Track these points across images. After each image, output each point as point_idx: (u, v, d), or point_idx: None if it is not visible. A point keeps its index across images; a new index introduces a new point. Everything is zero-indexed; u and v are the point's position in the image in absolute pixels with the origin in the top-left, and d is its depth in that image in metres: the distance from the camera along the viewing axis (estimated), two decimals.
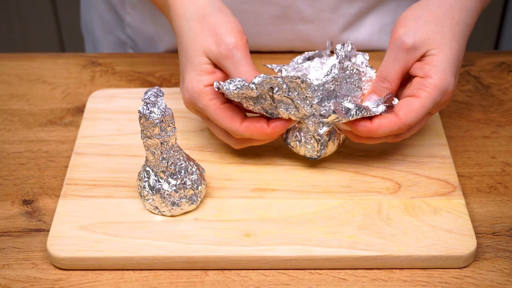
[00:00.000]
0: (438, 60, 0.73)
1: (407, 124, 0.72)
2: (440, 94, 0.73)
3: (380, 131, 0.72)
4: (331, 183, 0.76)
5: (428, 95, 0.72)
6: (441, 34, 0.74)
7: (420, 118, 0.73)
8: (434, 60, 0.73)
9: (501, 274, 0.69)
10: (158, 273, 0.70)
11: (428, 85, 0.72)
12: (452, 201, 0.74)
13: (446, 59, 0.73)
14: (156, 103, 0.67)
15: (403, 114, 0.72)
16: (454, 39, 0.74)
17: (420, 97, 0.72)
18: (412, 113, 0.72)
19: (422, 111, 0.72)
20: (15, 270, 0.70)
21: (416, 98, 0.72)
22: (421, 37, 0.73)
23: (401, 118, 0.72)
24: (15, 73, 0.95)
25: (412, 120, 0.72)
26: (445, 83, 0.72)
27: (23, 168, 0.81)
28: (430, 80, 0.72)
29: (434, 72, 0.72)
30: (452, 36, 0.74)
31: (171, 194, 0.71)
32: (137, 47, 1.05)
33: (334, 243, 0.70)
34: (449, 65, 0.73)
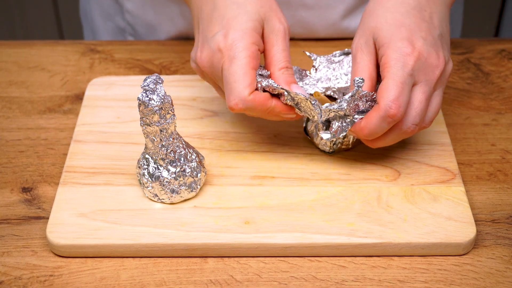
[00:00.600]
0: (383, 37, 0.72)
1: (388, 102, 0.69)
2: (400, 61, 0.70)
3: (370, 125, 0.70)
4: (331, 171, 0.76)
5: (388, 67, 0.70)
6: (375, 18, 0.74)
7: (399, 90, 0.69)
8: (380, 41, 0.72)
9: (501, 261, 0.70)
10: (157, 261, 0.70)
11: (385, 62, 0.71)
12: (452, 188, 0.74)
13: (388, 31, 0.72)
14: (155, 90, 0.67)
15: (380, 97, 0.70)
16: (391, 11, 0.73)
17: (385, 75, 0.70)
18: (387, 92, 0.69)
19: (393, 84, 0.69)
20: (14, 258, 0.70)
21: (384, 79, 0.70)
22: (362, 34, 0.74)
23: (380, 104, 0.69)
24: (13, 60, 0.95)
25: (390, 95, 0.69)
26: (396, 50, 0.70)
27: (22, 156, 0.81)
28: (384, 58, 0.71)
29: (384, 50, 0.71)
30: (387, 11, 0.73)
31: (171, 182, 0.71)
32: (137, 34, 1.04)
33: (333, 230, 0.70)
34: (396, 33, 0.71)
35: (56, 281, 0.68)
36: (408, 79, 0.70)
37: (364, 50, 0.74)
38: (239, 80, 0.70)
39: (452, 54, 0.95)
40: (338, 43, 0.96)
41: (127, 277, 0.68)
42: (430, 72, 0.72)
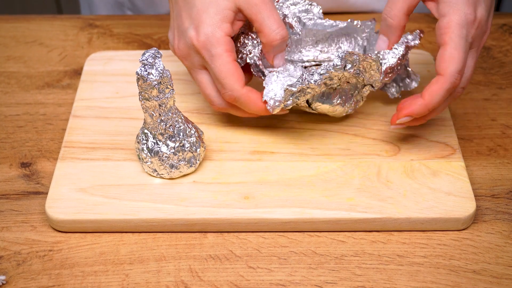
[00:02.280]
0: (456, 9, 0.69)
1: (455, 74, 0.68)
2: (464, 28, 0.68)
3: (436, 97, 0.69)
4: (330, 146, 0.76)
5: (453, 35, 0.68)
6: None
7: (463, 60, 0.68)
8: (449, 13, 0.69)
9: (500, 236, 0.70)
10: (157, 236, 0.70)
11: (446, 25, 0.69)
12: (452, 163, 0.74)
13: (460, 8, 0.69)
14: (154, 64, 0.66)
15: (444, 67, 0.68)
16: None
17: (447, 42, 0.68)
18: (452, 60, 0.68)
19: (458, 54, 0.68)
20: (13, 233, 0.70)
21: (445, 45, 0.68)
22: None
23: (445, 74, 0.68)
24: (11, 35, 0.94)
25: (457, 67, 0.68)
26: (462, 16, 0.68)
27: (21, 131, 0.80)
28: (445, 20, 0.69)
29: (447, 9, 0.69)
30: None
31: (170, 157, 0.71)
32: (136, 8, 1.03)
33: (333, 205, 0.70)
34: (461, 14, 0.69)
35: (55, 256, 0.68)
36: (468, 48, 0.70)
37: None
38: (228, 76, 0.71)
39: None
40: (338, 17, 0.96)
41: (127, 252, 0.68)
42: (481, 39, 0.72)
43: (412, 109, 0.70)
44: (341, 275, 0.66)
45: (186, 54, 0.73)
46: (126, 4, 1.04)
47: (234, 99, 0.72)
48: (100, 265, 0.67)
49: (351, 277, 0.66)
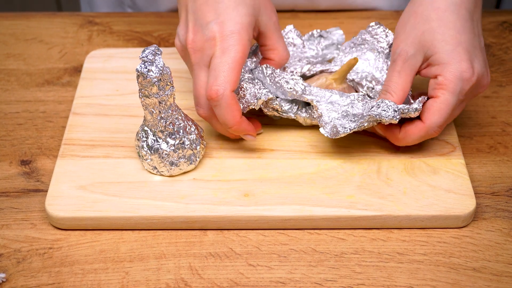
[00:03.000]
0: (440, 57, 0.71)
1: (435, 127, 0.71)
2: (459, 85, 0.70)
3: (408, 138, 0.72)
4: (330, 143, 0.76)
5: (445, 91, 0.70)
6: (430, 31, 0.72)
7: (446, 116, 0.71)
8: (436, 59, 0.71)
9: (500, 233, 0.70)
10: (157, 233, 0.70)
11: (441, 83, 0.71)
12: (452, 161, 0.74)
13: (447, 52, 0.71)
14: (154, 61, 0.66)
15: (427, 118, 0.71)
16: (448, 27, 0.71)
17: (438, 96, 0.71)
18: (436, 114, 0.71)
19: (445, 108, 0.71)
20: (13, 230, 0.70)
21: (434, 99, 0.71)
22: (412, 43, 0.72)
23: (425, 122, 0.71)
24: (11, 32, 0.94)
25: (439, 121, 0.71)
26: (457, 74, 0.70)
27: (21, 129, 0.80)
28: (440, 78, 0.71)
29: (441, 69, 0.71)
30: (443, 25, 0.71)
31: (170, 154, 0.71)
32: (136, 6, 1.03)
33: (333, 203, 0.70)
34: (456, 55, 0.70)
35: (55, 253, 0.68)
36: (458, 103, 0.72)
37: (410, 62, 0.73)
38: (227, 73, 0.69)
39: None
40: (338, 14, 0.96)
41: (126, 250, 0.68)
42: (476, 92, 0.74)
43: (387, 131, 0.74)
44: (341, 272, 0.66)
45: (200, 47, 0.71)
46: (126, 1, 1.04)
47: (218, 95, 0.69)
48: (100, 263, 0.67)
49: (351, 275, 0.66)
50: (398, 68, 0.73)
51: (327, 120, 0.72)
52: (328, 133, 0.71)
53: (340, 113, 0.73)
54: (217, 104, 0.69)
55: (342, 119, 0.72)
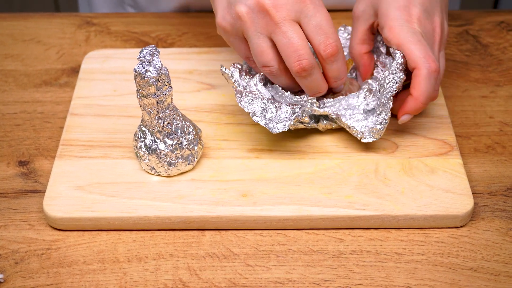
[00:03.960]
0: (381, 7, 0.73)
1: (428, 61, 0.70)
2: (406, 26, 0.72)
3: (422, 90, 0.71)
4: (328, 143, 0.76)
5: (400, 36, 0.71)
6: None
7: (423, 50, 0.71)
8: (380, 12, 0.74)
9: (498, 233, 0.70)
10: (155, 234, 0.70)
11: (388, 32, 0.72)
12: (450, 161, 0.74)
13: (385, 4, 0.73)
14: (151, 61, 0.66)
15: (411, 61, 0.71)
16: None
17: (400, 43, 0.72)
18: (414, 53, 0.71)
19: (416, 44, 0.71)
20: (11, 231, 0.70)
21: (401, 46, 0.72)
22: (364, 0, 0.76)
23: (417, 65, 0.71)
24: (9, 33, 0.94)
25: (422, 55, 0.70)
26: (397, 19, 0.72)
27: (19, 129, 0.80)
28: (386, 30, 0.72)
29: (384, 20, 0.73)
30: None
31: (168, 154, 0.71)
32: (138, 5, 1.03)
33: (331, 203, 0.70)
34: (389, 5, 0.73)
35: (53, 254, 0.68)
36: (422, 38, 0.72)
37: (362, 17, 0.76)
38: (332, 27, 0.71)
39: (451, 26, 0.94)
40: (337, 14, 0.96)
41: (124, 250, 0.68)
42: (431, 37, 0.74)
43: (405, 108, 0.73)
44: (339, 272, 0.66)
45: (285, 3, 0.69)
46: (126, 0, 1.03)
47: (337, 52, 0.71)
48: (98, 264, 0.67)
49: (349, 275, 0.66)
50: (355, 26, 0.77)
51: (362, 129, 0.74)
52: (372, 138, 0.73)
53: (362, 115, 0.75)
54: (336, 59, 0.72)
55: (371, 118, 0.74)
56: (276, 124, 0.71)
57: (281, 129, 0.70)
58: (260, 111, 0.72)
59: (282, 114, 0.72)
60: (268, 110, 0.72)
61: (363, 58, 0.78)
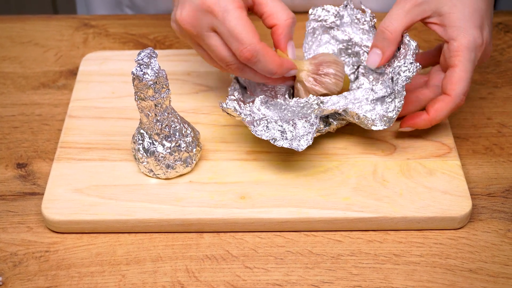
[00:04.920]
0: (455, 18, 0.72)
1: (460, 95, 0.72)
2: (473, 52, 0.72)
3: (440, 114, 0.73)
4: (327, 145, 0.76)
5: (462, 58, 0.72)
6: None
7: (468, 83, 0.72)
8: (451, 20, 0.72)
9: (496, 235, 0.70)
10: (153, 236, 0.70)
11: (457, 49, 0.72)
12: (448, 162, 0.74)
13: (462, 15, 0.72)
14: (149, 64, 0.66)
15: (451, 89, 0.72)
16: None
17: (456, 65, 0.72)
18: (459, 83, 0.72)
19: (466, 76, 0.72)
20: (10, 234, 0.70)
21: (454, 67, 0.72)
22: None
23: (451, 94, 0.72)
24: (7, 35, 0.94)
25: (463, 89, 0.72)
26: (471, 40, 0.72)
27: (17, 132, 0.80)
28: (455, 43, 0.72)
29: (456, 33, 0.72)
30: None
31: (166, 157, 0.71)
32: (135, 6, 1.03)
33: (329, 205, 0.70)
34: (468, 19, 0.72)
35: (51, 257, 0.68)
36: (474, 69, 0.73)
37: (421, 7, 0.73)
38: (245, 30, 0.69)
39: None
40: None
41: (123, 253, 0.68)
42: (481, 61, 0.75)
43: (415, 121, 0.75)
44: (337, 274, 0.66)
45: (193, 19, 0.70)
46: (124, 2, 1.03)
47: (253, 54, 0.69)
48: (97, 266, 0.67)
49: (348, 277, 0.66)
50: (407, 8, 0.73)
51: (373, 117, 0.72)
52: (383, 125, 0.72)
53: (371, 104, 0.74)
54: (256, 61, 0.70)
55: (380, 106, 0.74)
56: (299, 142, 0.70)
57: (306, 145, 0.69)
58: (279, 135, 0.70)
59: (300, 130, 0.71)
60: (287, 131, 0.71)
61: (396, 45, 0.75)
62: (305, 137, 0.70)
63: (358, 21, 0.79)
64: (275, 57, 0.71)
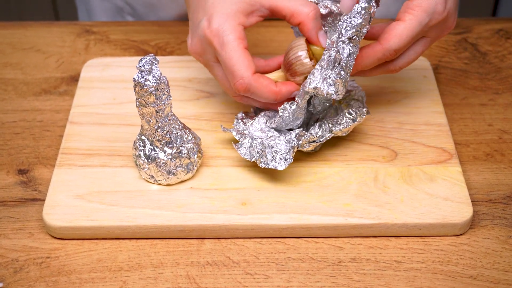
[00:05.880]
0: None
1: (391, 49, 0.70)
2: (427, 16, 0.70)
3: (366, 60, 0.71)
4: (328, 152, 0.76)
5: (413, 17, 0.70)
6: None
7: (405, 43, 0.70)
8: None
9: (497, 241, 0.70)
10: (154, 242, 0.70)
11: (413, 7, 0.70)
12: (449, 168, 0.74)
13: None
14: (151, 71, 0.66)
15: (385, 39, 0.70)
16: None
17: (404, 20, 0.70)
18: (395, 38, 0.70)
19: (406, 34, 0.70)
20: (11, 240, 0.70)
21: (400, 22, 0.70)
22: None
23: (382, 44, 0.70)
24: (8, 41, 0.94)
25: (396, 45, 0.70)
26: (432, 4, 0.70)
27: (18, 138, 0.80)
28: (415, 1, 0.70)
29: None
30: None
31: (167, 163, 0.71)
32: (137, 13, 1.03)
33: (330, 211, 0.70)
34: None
35: (52, 263, 0.68)
36: (420, 34, 0.71)
37: None
38: (238, 63, 0.69)
39: (449, 34, 0.94)
40: None
41: (124, 259, 0.68)
42: (441, 32, 0.73)
43: None
44: (338, 281, 0.66)
45: (200, 49, 0.72)
46: (126, 9, 1.04)
47: (245, 87, 0.70)
48: (98, 272, 0.67)
49: (349, 283, 0.66)
50: None
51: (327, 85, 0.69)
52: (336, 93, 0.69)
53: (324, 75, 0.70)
54: (251, 93, 0.71)
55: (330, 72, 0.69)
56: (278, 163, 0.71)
57: (285, 165, 0.70)
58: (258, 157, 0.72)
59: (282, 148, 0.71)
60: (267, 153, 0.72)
61: None
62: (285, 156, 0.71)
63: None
64: (270, 87, 0.71)
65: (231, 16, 0.70)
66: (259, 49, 0.90)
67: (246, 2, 0.71)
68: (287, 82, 0.73)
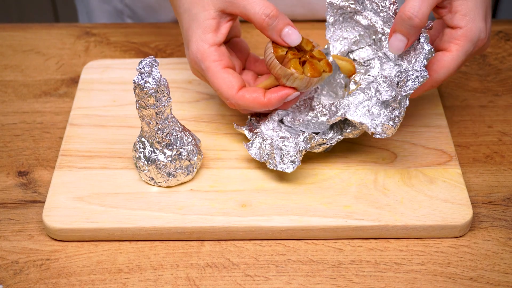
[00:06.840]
0: (467, 8, 0.70)
1: (439, 80, 0.71)
2: (472, 45, 0.70)
3: (416, 92, 0.71)
4: (328, 153, 0.76)
5: (459, 47, 0.70)
6: None
7: (452, 72, 0.71)
8: (463, 8, 0.70)
9: (497, 243, 0.70)
10: (154, 244, 0.70)
11: (459, 37, 0.70)
12: (449, 170, 0.74)
13: (474, 6, 0.70)
14: (150, 73, 0.66)
15: (433, 70, 0.71)
16: None
17: (451, 51, 0.70)
18: (443, 69, 0.71)
19: (454, 65, 0.70)
20: (11, 242, 0.70)
21: (447, 53, 0.70)
22: None
23: (432, 76, 0.71)
24: (8, 43, 0.94)
25: (444, 76, 0.71)
26: (476, 33, 0.70)
27: (18, 140, 0.80)
28: (460, 31, 0.70)
29: (464, 22, 0.70)
30: None
31: (167, 165, 0.71)
32: (136, 16, 1.03)
33: (330, 213, 0.70)
34: (478, 11, 0.70)
35: (52, 265, 0.68)
36: (465, 61, 0.72)
37: None
38: (220, 86, 0.72)
39: None
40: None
41: (124, 261, 0.68)
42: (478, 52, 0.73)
43: None
44: (338, 283, 0.66)
45: (193, 65, 0.75)
46: (125, 12, 1.04)
47: (236, 105, 0.73)
48: (98, 274, 0.67)
49: (349, 285, 0.66)
50: None
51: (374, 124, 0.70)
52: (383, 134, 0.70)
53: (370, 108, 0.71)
54: (243, 108, 0.73)
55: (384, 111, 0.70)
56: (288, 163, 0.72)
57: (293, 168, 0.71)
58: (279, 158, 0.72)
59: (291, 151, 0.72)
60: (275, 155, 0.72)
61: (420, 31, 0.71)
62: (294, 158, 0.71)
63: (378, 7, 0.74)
64: (257, 100, 0.72)
65: (203, 41, 0.72)
66: (260, 50, 0.90)
67: (209, 18, 0.72)
68: (277, 88, 0.73)
